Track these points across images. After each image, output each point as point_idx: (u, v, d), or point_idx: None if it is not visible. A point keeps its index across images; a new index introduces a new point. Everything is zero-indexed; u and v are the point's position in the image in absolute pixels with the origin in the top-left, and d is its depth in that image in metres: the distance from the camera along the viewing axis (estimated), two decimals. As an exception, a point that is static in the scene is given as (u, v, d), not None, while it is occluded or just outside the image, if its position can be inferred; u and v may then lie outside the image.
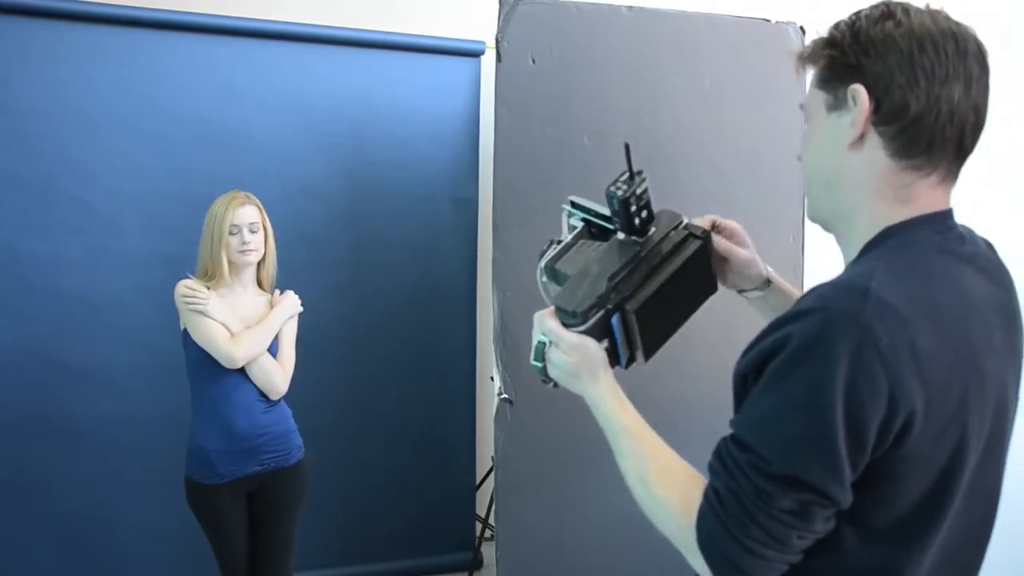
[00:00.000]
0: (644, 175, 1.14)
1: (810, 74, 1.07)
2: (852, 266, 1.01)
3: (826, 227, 1.08)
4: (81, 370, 2.91)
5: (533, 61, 2.61)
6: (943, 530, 0.95)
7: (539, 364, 1.14)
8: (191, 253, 2.56)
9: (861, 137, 0.97)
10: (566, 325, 1.11)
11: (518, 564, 2.61)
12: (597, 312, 1.10)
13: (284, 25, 3.12)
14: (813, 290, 0.95)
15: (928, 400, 0.89)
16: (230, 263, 2.41)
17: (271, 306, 2.50)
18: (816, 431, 0.88)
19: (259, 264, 2.49)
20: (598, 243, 1.20)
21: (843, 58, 0.98)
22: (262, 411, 2.42)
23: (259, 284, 2.52)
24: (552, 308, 1.13)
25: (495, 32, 2.58)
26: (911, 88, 0.94)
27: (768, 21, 2.87)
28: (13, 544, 2.85)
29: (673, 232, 1.16)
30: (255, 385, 2.41)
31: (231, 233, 2.38)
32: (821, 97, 1.03)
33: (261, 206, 2.47)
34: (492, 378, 2.65)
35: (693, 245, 1.16)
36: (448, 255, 3.35)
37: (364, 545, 3.28)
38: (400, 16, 3.34)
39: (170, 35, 2.99)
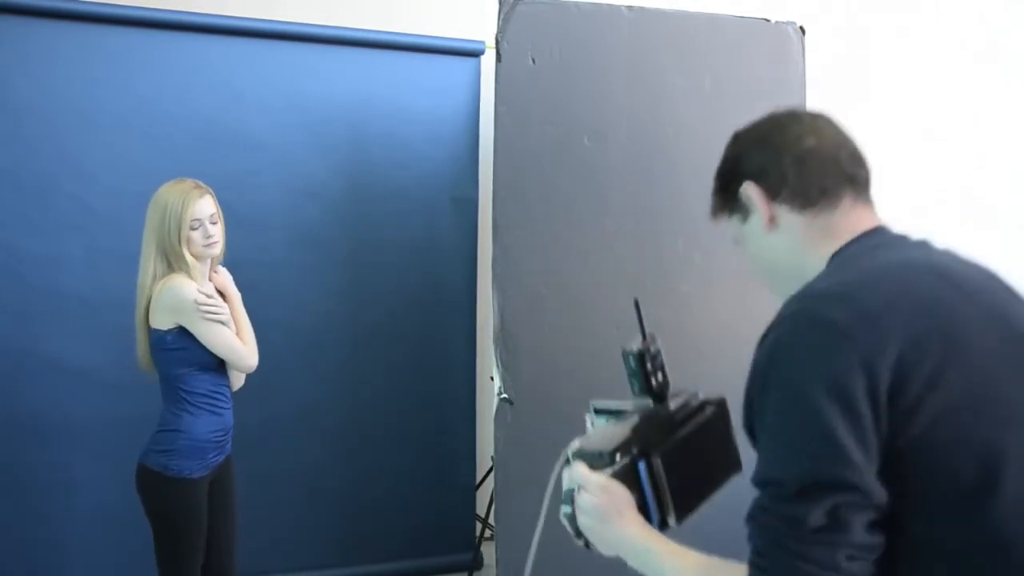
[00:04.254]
0: (656, 337, 1.19)
1: (725, 219, 1.20)
2: None
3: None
4: (80, 370, 2.90)
5: (533, 61, 2.61)
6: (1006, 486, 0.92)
7: (568, 509, 1.15)
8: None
9: (772, 218, 1.11)
10: (593, 468, 1.11)
11: (518, 564, 2.61)
12: (624, 457, 1.11)
13: (284, 25, 3.12)
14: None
15: (904, 352, 0.91)
16: (194, 257, 2.36)
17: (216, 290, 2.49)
18: (811, 428, 0.90)
19: None
20: None
21: (727, 179, 1.16)
22: (232, 402, 2.48)
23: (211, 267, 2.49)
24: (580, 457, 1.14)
25: (495, 32, 2.58)
26: (778, 160, 1.10)
27: (768, 21, 2.87)
28: (12, 544, 2.84)
29: (691, 399, 1.22)
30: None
31: (192, 228, 2.32)
32: (735, 221, 1.18)
33: (214, 194, 2.41)
34: (492, 378, 2.65)
35: (710, 410, 1.22)
36: (448, 255, 3.34)
37: (364, 545, 3.27)
38: (400, 16, 3.34)
39: (170, 35, 2.98)
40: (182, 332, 2.33)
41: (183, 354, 2.35)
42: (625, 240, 2.73)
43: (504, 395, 2.57)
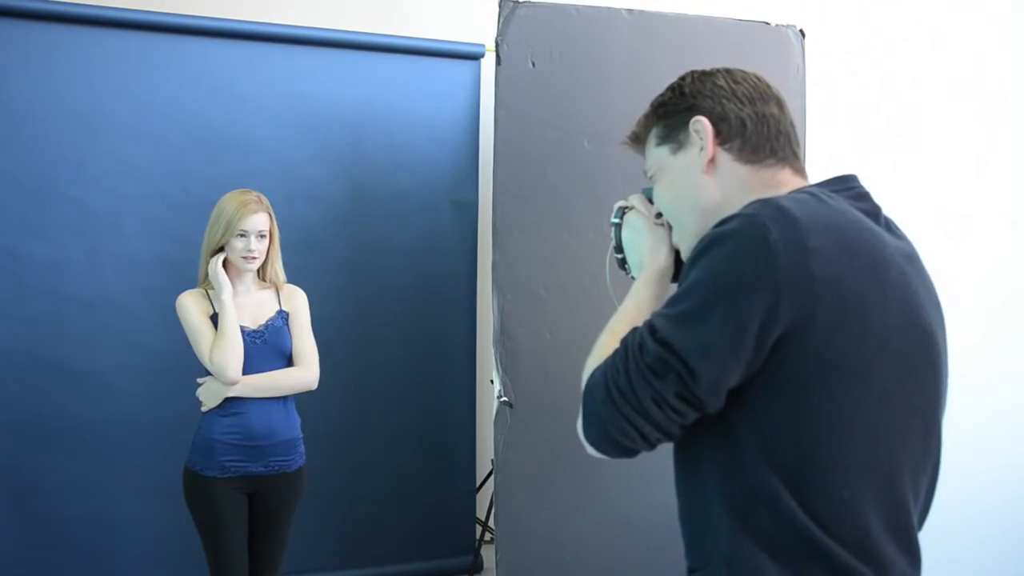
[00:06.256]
0: None
1: (653, 148, 1.21)
2: None
3: None
4: (81, 373, 2.90)
5: (533, 64, 2.62)
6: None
7: (617, 220, 1.31)
8: (191, 256, 2.56)
9: (712, 159, 1.12)
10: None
11: (518, 567, 2.61)
12: None
13: (284, 28, 3.12)
14: None
15: (821, 293, 0.95)
16: (229, 264, 2.44)
17: (278, 297, 2.54)
18: (698, 310, 0.97)
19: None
20: None
21: (675, 109, 1.16)
22: (276, 414, 2.47)
23: (261, 276, 2.54)
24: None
25: (495, 35, 2.58)
26: (740, 110, 1.12)
27: (768, 24, 2.87)
28: (11, 546, 2.84)
29: None
30: None
31: (239, 235, 2.41)
32: (663, 151, 1.18)
33: (271, 210, 2.48)
34: (492, 381, 2.65)
35: None
36: (448, 258, 3.34)
37: (364, 548, 3.27)
38: (400, 19, 3.35)
39: (169, 38, 2.99)
40: None
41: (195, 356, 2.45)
42: (625, 243, 2.73)
43: (504, 398, 2.57)
